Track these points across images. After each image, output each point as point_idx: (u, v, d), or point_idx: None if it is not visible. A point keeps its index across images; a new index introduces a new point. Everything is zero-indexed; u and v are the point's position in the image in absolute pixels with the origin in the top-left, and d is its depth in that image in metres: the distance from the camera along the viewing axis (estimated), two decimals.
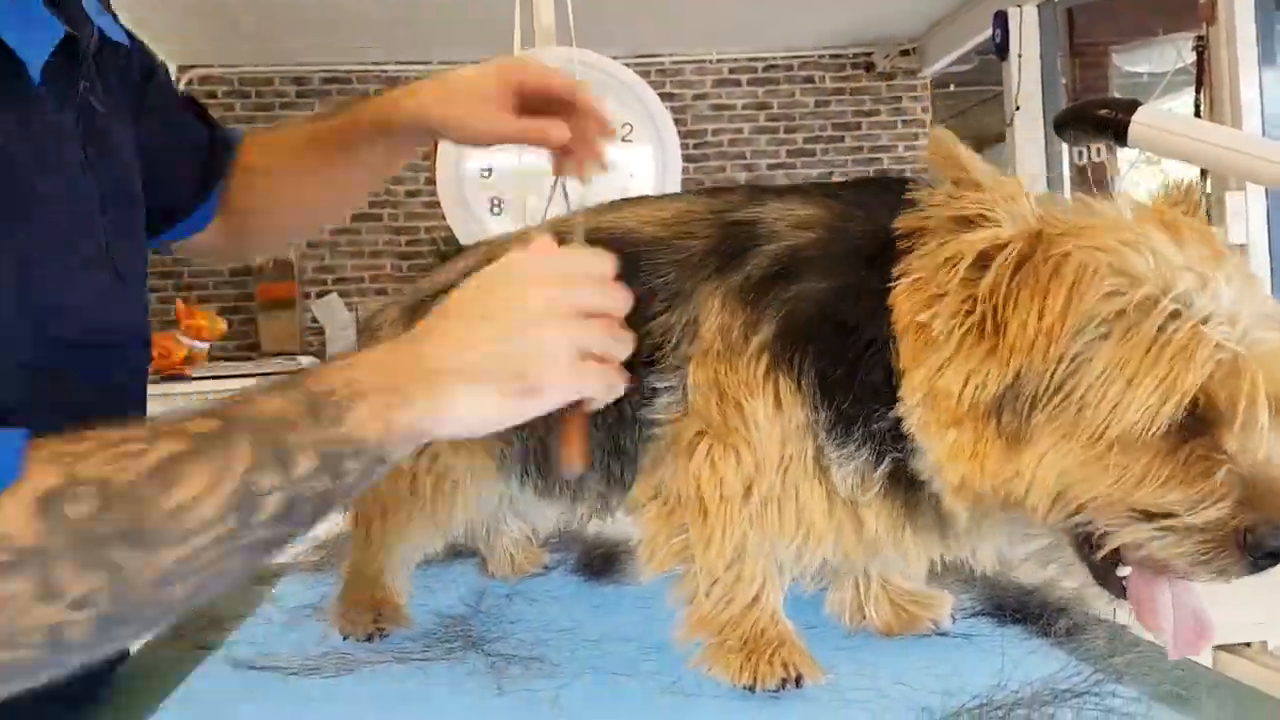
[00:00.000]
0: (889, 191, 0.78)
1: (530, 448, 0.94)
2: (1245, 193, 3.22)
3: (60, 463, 0.60)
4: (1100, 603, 0.73)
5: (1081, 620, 0.92)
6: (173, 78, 1.24)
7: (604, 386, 0.74)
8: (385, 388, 0.69)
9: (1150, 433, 0.64)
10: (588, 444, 0.78)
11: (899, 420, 0.73)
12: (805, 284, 0.77)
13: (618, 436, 0.88)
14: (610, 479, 0.91)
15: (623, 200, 0.95)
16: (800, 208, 0.82)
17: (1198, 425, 0.64)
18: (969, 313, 0.68)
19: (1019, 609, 0.95)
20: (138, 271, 0.95)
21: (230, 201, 1.15)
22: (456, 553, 1.27)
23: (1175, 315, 0.63)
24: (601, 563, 1.20)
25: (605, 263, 0.75)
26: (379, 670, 0.90)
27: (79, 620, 0.59)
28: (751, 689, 0.78)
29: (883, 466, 0.76)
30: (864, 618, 0.95)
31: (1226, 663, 1.74)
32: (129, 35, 1.02)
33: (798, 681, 0.78)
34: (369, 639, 0.97)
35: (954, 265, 0.69)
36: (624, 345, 0.75)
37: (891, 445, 0.75)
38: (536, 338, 0.72)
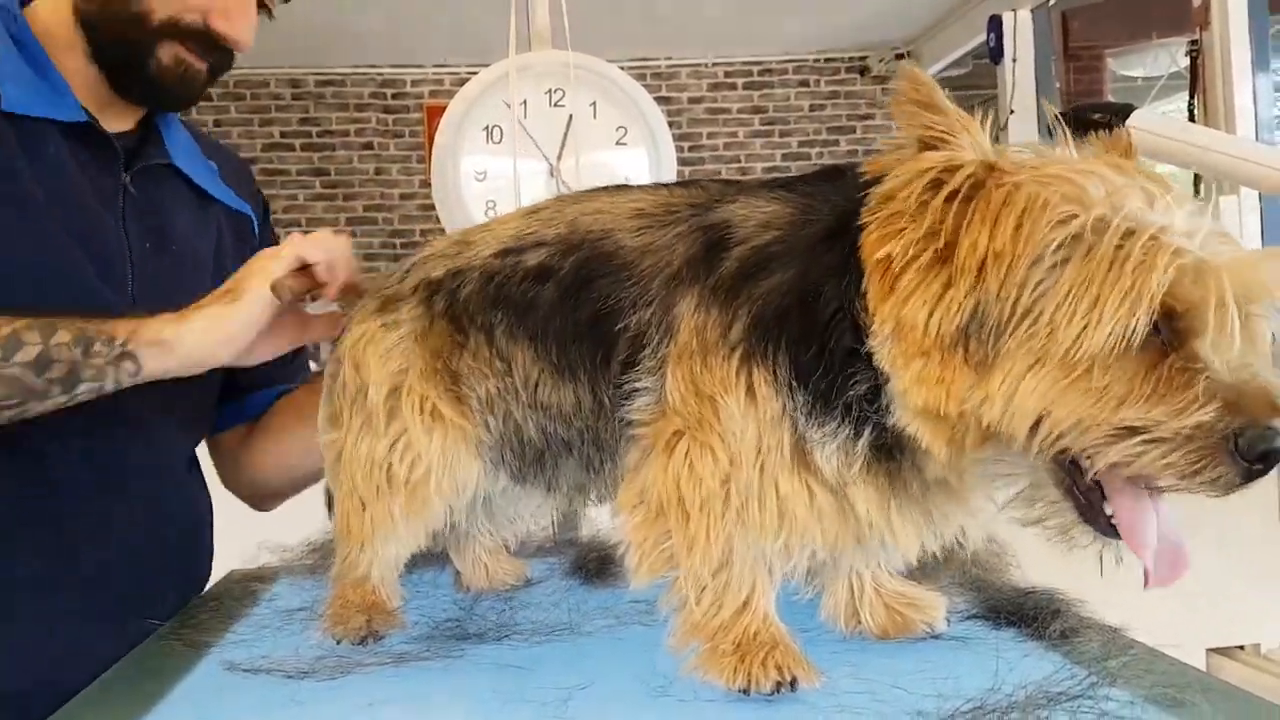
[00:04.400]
0: (841, 176, 0.80)
1: (505, 435, 0.95)
2: (1239, 196, 3.23)
3: None
4: (1090, 541, 0.72)
5: (1075, 623, 0.92)
6: None
7: (307, 249, 1.08)
8: (141, 319, 1.06)
9: (1124, 347, 0.64)
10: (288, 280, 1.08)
11: (874, 383, 0.74)
12: (774, 278, 0.79)
13: (596, 427, 0.89)
14: (589, 468, 0.92)
15: (602, 190, 0.96)
16: (764, 205, 0.83)
17: (1173, 339, 0.65)
18: (929, 236, 0.70)
19: (1013, 612, 0.95)
20: None
21: (269, 422, 1.36)
22: (450, 558, 1.26)
23: (1130, 232, 0.65)
24: (596, 565, 1.20)
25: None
26: (373, 673, 0.90)
27: None
28: (746, 692, 0.78)
29: (864, 438, 0.76)
30: (858, 621, 0.95)
31: (1219, 665, 1.75)
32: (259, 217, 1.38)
33: (792, 684, 0.78)
34: (361, 642, 0.97)
35: (912, 182, 0.70)
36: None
37: (869, 410, 0.75)
38: (247, 270, 1.09)
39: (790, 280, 0.78)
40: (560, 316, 0.89)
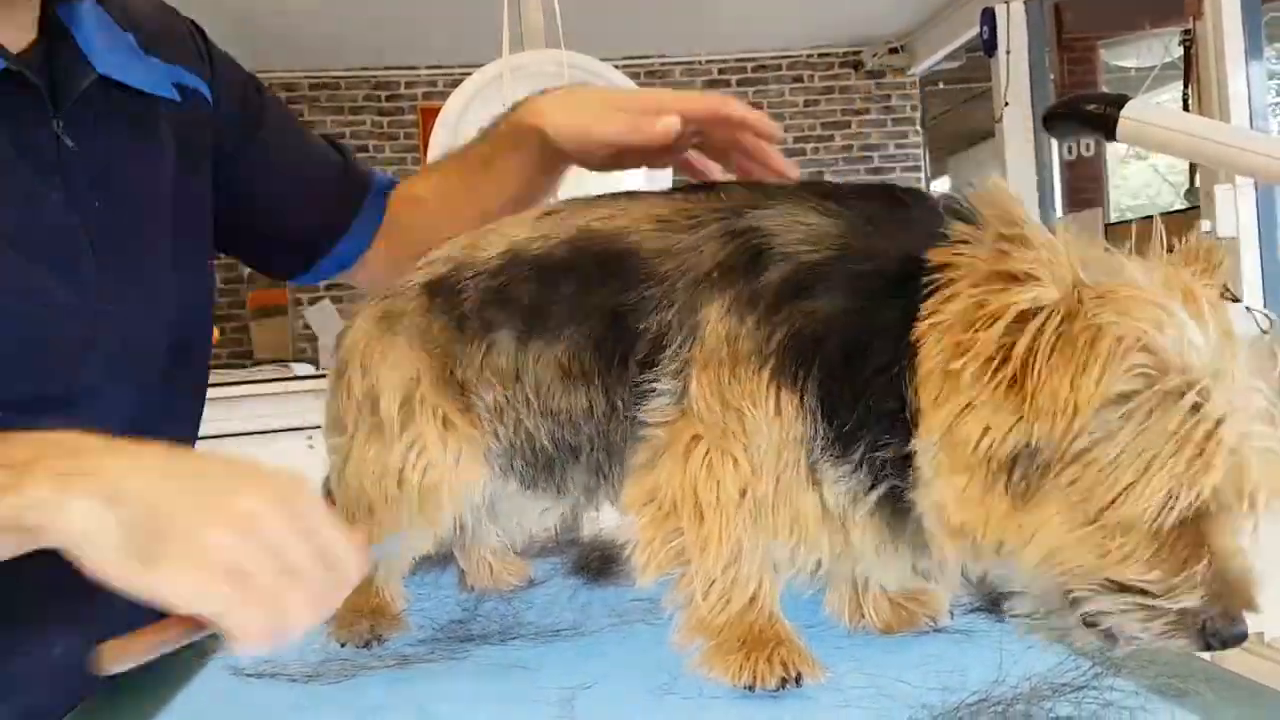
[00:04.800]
0: (900, 205, 0.78)
1: (515, 443, 0.94)
2: (1234, 186, 3.23)
3: None
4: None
5: None
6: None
7: (242, 619, 0.65)
8: (18, 464, 0.65)
9: (1156, 524, 0.64)
10: (147, 650, 0.66)
11: (908, 453, 0.73)
12: (818, 302, 0.77)
13: (607, 431, 0.88)
14: (599, 473, 0.91)
15: (610, 196, 0.95)
16: (806, 216, 0.81)
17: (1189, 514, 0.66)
18: (1001, 364, 0.67)
19: None
20: (141, 303, 1.03)
21: (395, 233, 1.28)
22: (453, 558, 1.26)
23: (1196, 409, 0.63)
24: (599, 564, 1.20)
25: (338, 532, 0.70)
26: (379, 675, 0.90)
27: None
28: (751, 689, 0.78)
29: (877, 490, 0.76)
30: (863, 617, 0.95)
31: (1223, 654, 1.75)
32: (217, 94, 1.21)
33: (797, 680, 0.78)
34: (366, 646, 0.97)
35: (992, 321, 0.67)
36: (302, 597, 0.66)
37: (893, 473, 0.75)
38: (203, 508, 0.65)
39: (838, 314, 0.76)
40: (573, 320, 0.88)
